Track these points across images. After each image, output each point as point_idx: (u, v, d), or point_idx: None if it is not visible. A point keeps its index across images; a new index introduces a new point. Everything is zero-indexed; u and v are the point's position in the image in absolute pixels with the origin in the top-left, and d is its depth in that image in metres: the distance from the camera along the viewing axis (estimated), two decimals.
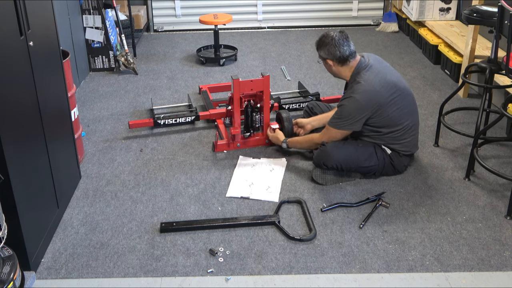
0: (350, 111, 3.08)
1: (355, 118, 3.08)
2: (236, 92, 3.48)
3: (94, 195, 3.13)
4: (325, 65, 3.23)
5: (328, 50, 3.12)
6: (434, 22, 5.34)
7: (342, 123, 3.13)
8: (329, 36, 3.13)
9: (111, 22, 5.00)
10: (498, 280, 2.46)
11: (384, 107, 3.05)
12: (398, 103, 3.08)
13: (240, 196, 3.08)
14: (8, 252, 2.26)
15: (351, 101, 3.07)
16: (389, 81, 3.08)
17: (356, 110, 3.06)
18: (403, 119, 3.12)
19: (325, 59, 3.18)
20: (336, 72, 3.21)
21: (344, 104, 3.10)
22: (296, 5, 6.35)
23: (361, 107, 3.04)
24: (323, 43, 3.15)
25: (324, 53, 3.15)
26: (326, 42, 3.12)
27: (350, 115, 3.08)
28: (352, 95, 3.06)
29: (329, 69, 3.24)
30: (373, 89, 3.03)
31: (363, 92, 3.03)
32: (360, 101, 3.03)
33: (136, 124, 3.86)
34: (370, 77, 3.06)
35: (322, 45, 3.15)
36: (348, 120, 3.09)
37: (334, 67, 3.17)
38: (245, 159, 3.49)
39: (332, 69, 3.20)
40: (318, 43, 3.19)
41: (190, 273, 2.51)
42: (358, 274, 2.50)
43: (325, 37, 3.15)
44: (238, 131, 3.55)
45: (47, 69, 2.77)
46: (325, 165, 3.15)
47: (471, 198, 3.04)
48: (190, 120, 3.93)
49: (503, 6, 2.95)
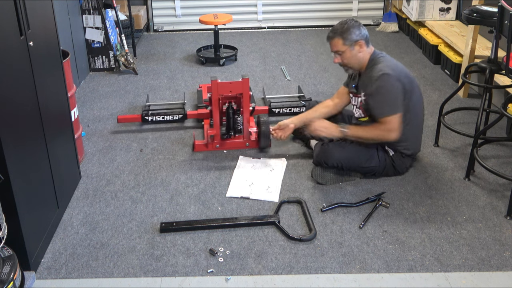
0: (390, 88, 2.96)
1: (398, 93, 2.96)
2: (214, 93, 3.47)
3: (94, 195, 3.13)
4: (350, 53, 3.06)
5: (358, 30, 3.02)
6: (434, 22, 5.34)
7: (393, 105, 2.98)
8: (350, 20, 3.06)
9: (111, 22, 5.00)
10: (498, 280, 2.46)
11: (409, 88, 3.01)
12: (415, 89, 3.08)
13: (240, 196, 3.08)
14: (8, 252, 2.26)
15: (385, 78, 2.95)
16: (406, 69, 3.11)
17: (395, 83, 2.96)
18: (417, 111, 3.12)
19: (356, 40, 3.02)
20: (361, 56, 3.07)
21: (381, 84, 2.96)
22: (296, 5, 6.35)
23: (396, 80, 2.96)
24: (351, 26, 3.02)
25: (355, 34, 3.01)
26: (353, 24, 3.03)
27: (392, 92, 2.96)
28: (381, 73, 2.96)
29: (354, 57, 3.07)
30: (397, 66, 3.03)
31: (389, 67, 2.98)
32: (393, 75, 2.95)
33: (124, 119, 3.93)
34: (389, 59, 3.07)
35: (350, 27, 3.02)
36: (395, 98, 2.97)
37: (363, 49, 3.05)
38: (245, 159, 3.49)
39: (359, 54, 3.06)
40: (342, 29, 3.02)
41: (190, 273, 2.51)
42: (358, 274, 2.50)
43: (346, 22, 3.04)
44: (215, 132, 3.54)
45: (47, 69, 2.77)
46: (326, 164, 3.15)
47: (471, 198, 3.04)
48: (178, 118, 3.95)
49: (503, 6, 2.95)
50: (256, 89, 4.60)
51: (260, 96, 4.44)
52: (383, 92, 2.99)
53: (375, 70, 3.01)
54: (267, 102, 4.16)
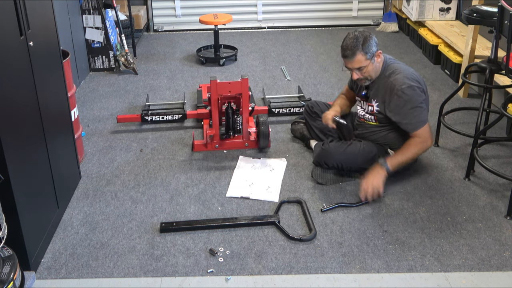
0: (417, 99, 2.95)
1: (423, 103, 2.98)
2: (213, 93, 3.47)
3: (94, 195, 3.13)
4: (372, 67, 3.00)
5: (374, 40, 2.97)
6: (434, 22, 5.34)
7: (423, 117, 2.98)
8: (360, 32, 2.97)
9: (111, 22, 5.00)
10: (498, 280, 2.46)
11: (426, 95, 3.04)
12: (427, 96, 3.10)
13: (240, 196, 3.08)
14: (8, 252, 2.26)
15: (411, 91, 2.94)
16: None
17: (420, 93, 2.96)
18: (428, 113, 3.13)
19: (375, 52, 2.98)
20: (377, 66, 3.04)
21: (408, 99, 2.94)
22: (296, 5, 6.35)
23: (420, 90, 2.97)
24: (368, 38, 2.94)
25: (374, 46, 2.96)
26: (367, 36, 2.95)
27: (420, 103, 2.96)
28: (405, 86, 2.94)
29: (375, 68, 3.03)
30: (413, 73, 3.04)
31: (410, 77, 2.98)
32: (416, 86, 2.95)
33: (124, 119, 3.94)
34: (402, 66, 3.07)
35: (368, 39, 2.94)
36: (423, 108, 2.97)
37: (380, 57, 3.03)
38: (245, 159, 3.49)
39: (377, 64, 3.03)
40: (362, 43, 2.93)
41: (190, 273, 2.51)
42: (358, 274, 2.50)
43: (360, 35, 2.94)
44: (213, 132, 3.54)
45: (47, 69, 2.77)
46: (326, 164, 3.15)
47: (471, 198, 3.04)
48: (177, 118, 3.95)
49: (503, 6, 2.95)
50: (256, 89, 4.60)
51: (260, 96, 4.44)
52: (412, 106, 2.96)
53: (397, 83, 2.97)
54: (266, 102, 4.16)
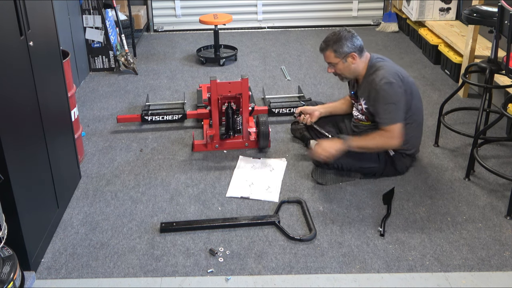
0: (394, 96, 2.96)
1: (401, 101, 2.97)
2: (213, 93, 3.46)
3: (94, 195, 3.13)
4: (342, 66, 3.07)
5: (351, 41, 3.02)
6: (434, 22, 5.34)
7: (396, 114, 2.98)
8: (342, 30, 3.05)
9: (111, 22, 5.00)
10: (498, 280, 2.46)
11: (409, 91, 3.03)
12: (415, 91, 3.11)
13: (240, 196, 3.08)
14: (8, 252, 2.26)
15: (388, 87, 2.95)
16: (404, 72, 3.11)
17: (398, 91, 2.96)
18: (417, 112, 3.14)
19: (348, 54, 3.02)
20: (355, 67, 3.07)
21: (384, 94, 2.96)
22: (296, 5, 6.35)
23: (399, 87, 2.96)
24: (342, 37, 3.01)
25: (347, 47, 3.01)
26: (344, 36, 3.02)
27: (396, 100, 2.96)
28: (384, 82, 2.95)
29: (347, 68, 3.08)
30: (397, 71, 3.03)
31: (391, 74, 2.98)
32: (395, 82, 2.95)
33: (124, 119, 3.94)
34: (388, 64, 3.08)
35: (342, 39, 3.01)
36: (398, 106, 2.97)
37: (356, 60, 3.05)
38: (245, 159, 3.49)
39: (352, 65, 3.06)
40: (334, 42, 3.02)
41: (190, 273, 2.51)
42: (358, 274, 2.50)
43: (338, 33, 3.03)
44: (213, 132, 3.54)
45: (47, 69, 2.77)
46: (326, 164, 3.15)
47: (471, 198, 3.04)
48: (177, 118, 3.95)
49: (503, 6, 2.95)
50: (256, 89, 4.60)
51: (260, 96, 4.44)
52: (386, 101, 2.99)
53: (377, 78, 3.00)
54: (266, 102, 4.16)
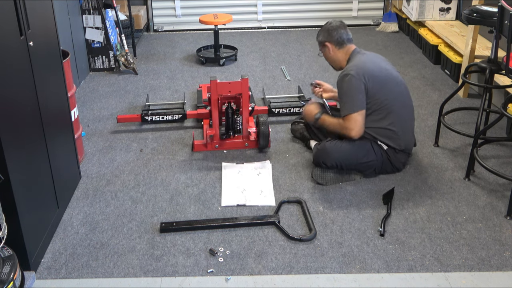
0: (349, 87, 3.08)
1: (356, 93, 3.07)
2: (213, 93, 3.46)
3: (94, 195, 3.13)
4: (324, 52, 3.34)
5: (328, 32, 3.26)
6: (434, 22, 5.34)
7: (351, 104, 3.10)
8: (328, 22, 3.33)
9: (111, 22, 5.00)
10: (498, 280, 2.46)
11: (376, 85, 3.08)
12: (391, 88, 3.15)
13: (236, 204, 3.02)
14: (8, 252, 2.26)
15: (344, 78, 3.11)
16: (382, 66, 3.21)
17: (355, 83, 3.07)
18: (391, 104, 3.13)
19: (323, 42, 3.28)
20: (334, 57, 3.30)
21: (342, 86, 3.13)
22: (296, 5, 6.35)
23: (356, 80, 3.06)
24: (323, 28, 3.31)
25: (323, 36, 3.29)
26: (326, 27, 3.30)
27: (351, 91, 3.08)
28: (344, 73, 3.13)
29: (327, 55, 3.33)
30: (364, 65, 3.14)
31: (354, 67, 3.12)
32: (353, 75, 3.07)
33: (124, 119, 3.94)
34: (362, 58, 3.20)
35: (322, 29, 3.31)
36: (353, 97, 3.08)
37: (332, 50, 3.27)
38: (228, 165, 3.42)
39: (330, 53, 3.29)
40: (319, 31, 3.34)
41: (190, 273, 2.51)
42: (358, 274, 2.50)
43: (325, 24, 3.33)
44: (213, 132, 3.54)
45: (47, 69, 2.77)
46: (325, 164, 3.15)
47: (471, 198, 3.04)
48: (177, 118, 3.95)
49: (503, 6, 2.95)
50: (256, 89, 4.60)
51: (260, 96, 4.44)
52: (343, 92, 3.14)
53: (346, 67, 3.19)
54: (266, 102, 4.16)
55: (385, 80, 3.14)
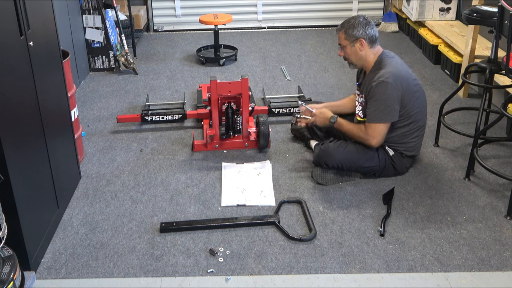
0: (386, 96, 2.98)
1: (392, 103, 2.99)
2: (213, 93, 3.46)
3: (94, 195, 3.13)
4: (350, 50, 3.11)
5: (363, 28, 3.05)
6: (434, 22, 5.34)
7: (382, 114, 3.01)
8: (359, 16, 3.11)
9: (111, 22, 5.00)
10: (498, 280, 2.46)
11: (409, 96, 3.03)
12: (419, 96, 3.10)
13: (236, 204, 3.02)
14: (8, 252, 2.26)
15: (383, 86, 2.97)
16: (412, 75, 3.12)
17: (392, 93, 2.97)
18: (419, 116, 3.13)
19: (357, 38, 3.06)
20: (362, 55, 3.10)
21: (377, 92, 2.99)
22: (296, 5, 6.35)
23: (394, 90, 2.97)
24: (356, 22, 3.07)
25: (358, 32, 3.05)
26: (360, 21, 3.07)
27: (387, 101, 2.98)
28: (381, 80, 2.98)
29: (355, 52, 3.10)
30: (400, 73, 3.02)
31: (391, 74, 2.98)
32: (392, 84, 2.96)
33: (124, 119, 3.94)
34: (395, 64, 3.07)
35: (355, 24, 3.07)
36: (387, 107, 2.99)
37: (364, 48, 3.08)
38: (228, 165, 3.42)
39: (359, 52, 3.09)
40: (348, 24, 3.09)
41: (190, 273, 2.51)
42: (358, 274, 2.50)
43: (355, 18, 3.11)
44: (213, 132, 3.54)
45: (47, 69, 2.77)
46: (326, 164, 3.15)
47: (471, 198, 3.04)
48: (177, 118, 3.95)
49: (503, 6, 2.95)
50: (256, 89, 4.60)
51: (260, 96, 4.44)
52: (377, 99, 3.01)
53: (378, 74, 3.02)
54: (266, 102, 4.16)
55: (416, 90, 3.08)
